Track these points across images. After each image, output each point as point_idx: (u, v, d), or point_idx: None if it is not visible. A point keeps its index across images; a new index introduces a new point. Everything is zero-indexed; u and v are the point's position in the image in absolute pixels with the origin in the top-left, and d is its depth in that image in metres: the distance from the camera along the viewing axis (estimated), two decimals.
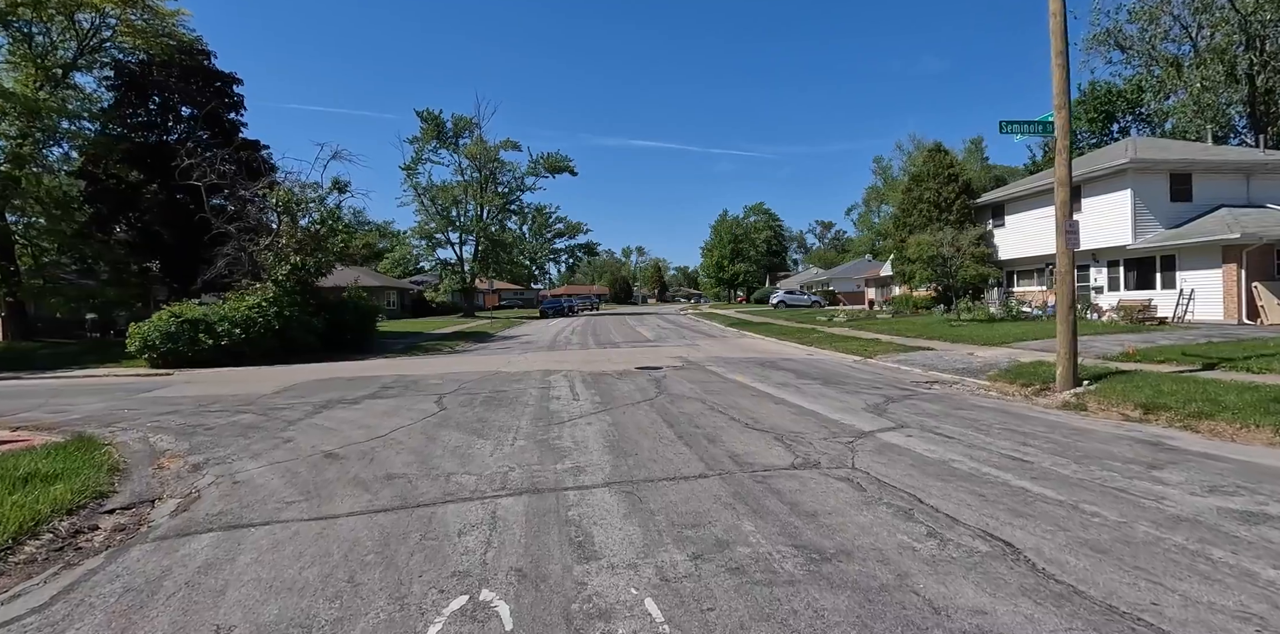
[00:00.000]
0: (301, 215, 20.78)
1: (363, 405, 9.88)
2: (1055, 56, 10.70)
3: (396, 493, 5.21)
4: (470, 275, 51.17)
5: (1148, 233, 22.27)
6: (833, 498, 4.75)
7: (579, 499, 4.86)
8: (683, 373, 13.06)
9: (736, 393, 10.19)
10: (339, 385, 12.47)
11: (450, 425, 7.99)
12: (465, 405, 9.52)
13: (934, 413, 8.37)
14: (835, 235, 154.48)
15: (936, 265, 23.97)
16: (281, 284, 19.77)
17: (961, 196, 29.18)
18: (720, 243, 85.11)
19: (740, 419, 7.91)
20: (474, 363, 16.76)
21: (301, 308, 20.04)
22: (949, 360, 14.30)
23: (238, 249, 19.77)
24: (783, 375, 12.50)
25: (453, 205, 49.10)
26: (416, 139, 48.61)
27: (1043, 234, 26.34)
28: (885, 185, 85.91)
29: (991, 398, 10.32)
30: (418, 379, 13.04)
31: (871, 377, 12.53)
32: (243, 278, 19.94)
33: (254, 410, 9.75)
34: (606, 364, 15.10)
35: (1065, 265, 10.76)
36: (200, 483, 5.93)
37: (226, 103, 28.23)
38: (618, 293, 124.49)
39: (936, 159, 30.56)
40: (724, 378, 12.22)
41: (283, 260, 19.88)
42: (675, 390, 10.56)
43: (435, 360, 18.06)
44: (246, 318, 18.59)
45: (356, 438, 7.47)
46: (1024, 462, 5.75)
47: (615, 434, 7.19)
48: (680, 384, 11.32)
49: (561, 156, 50.35)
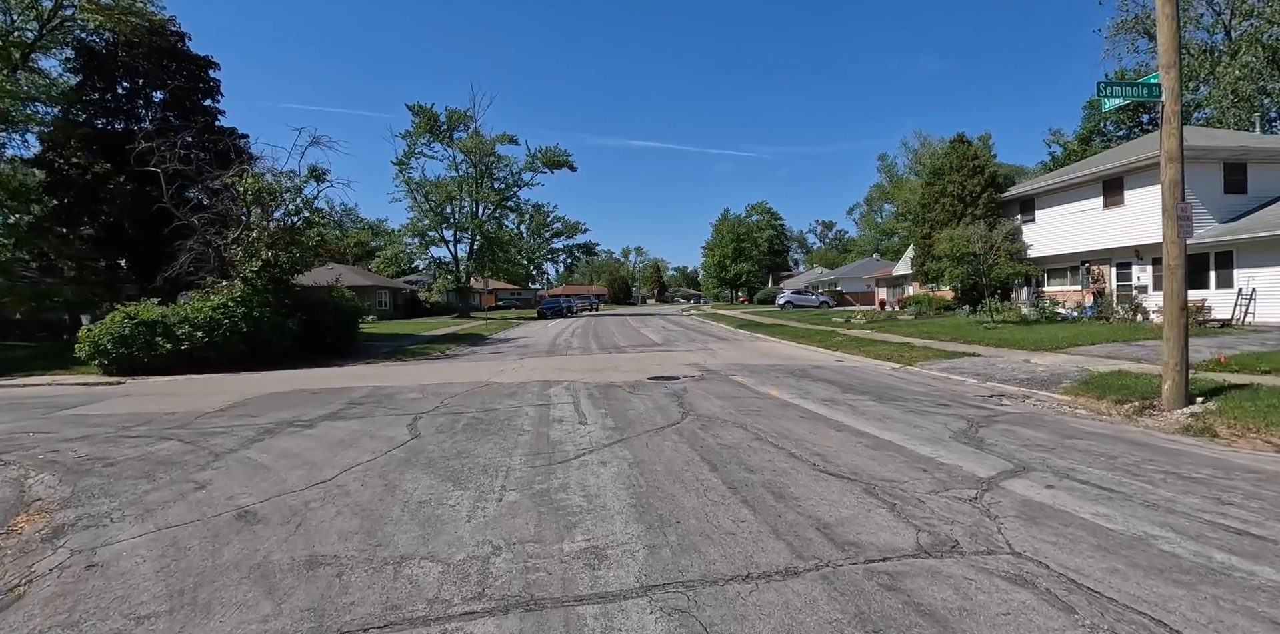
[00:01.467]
0: (276, 207, 18.83)
1: (318, 430, 7.95)
2: (1162, 5, 8.86)
3: (312, 603, 3.30)
4: (465, 274, 49.18)
5: (1200, 227, 20.41)
6: (1025, 626, 2.86)
7: (604, 628, 2.96)
8: (705, 385, 11.16)
9: (780, 414, 8.30)
10: (299, 400, 10.55)
11: (419, 464, 6.08)
12: (444, 431, 7.60)
13: (1044, 444, 6.49)
14: (836, 235, 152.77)
15: (967, 263, 22.13)
16: (251, 282, 17.83)
17: (988, 190, 27.29)
18: (722, 242, 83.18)
19: (803, 456, 6.01)
20: (463, 371, 14.85)
21: (274, 308, 18.09)
22: (1003, 368, 12.44)
23: (203, 243, 17.82)
24: (823, 388, 10.61)
25: (447, 201, 47.09)
26: (408, 133, 46.60)
27: (1078, 230, 24.51)
28: (891, 183, 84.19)
29: (1083, 417, 8.47)
30: (394, 392, 11.11)
31: (924, 389, 10.66)
32: (209, 275, 18.00)
33: (182, 436, 7.82)
34: (614, 373, 13.20)
35: (1175, 257, 8.95)
36: (45, 563, 4.06)
37: (201, 88, 26.27)
38: (617, 293, 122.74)
39: (960, 150, 28.69)
40: (755, 391, 10.33)
41: (253, 256, 17.93)
42: (703, 409, 8.66)
43: (420, 368, 16.14)
44: (210, 319, 16.64)
45: (292, 483, 5.56)
46: (1255, 536, 3.87)
47: (641, 482, 5.28)
48: (706, 400, 9.42)
49: (560, 151, 48.41)
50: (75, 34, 24.28)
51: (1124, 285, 23.25)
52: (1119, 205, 22.63)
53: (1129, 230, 22.11)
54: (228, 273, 18.17)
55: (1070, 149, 39.85)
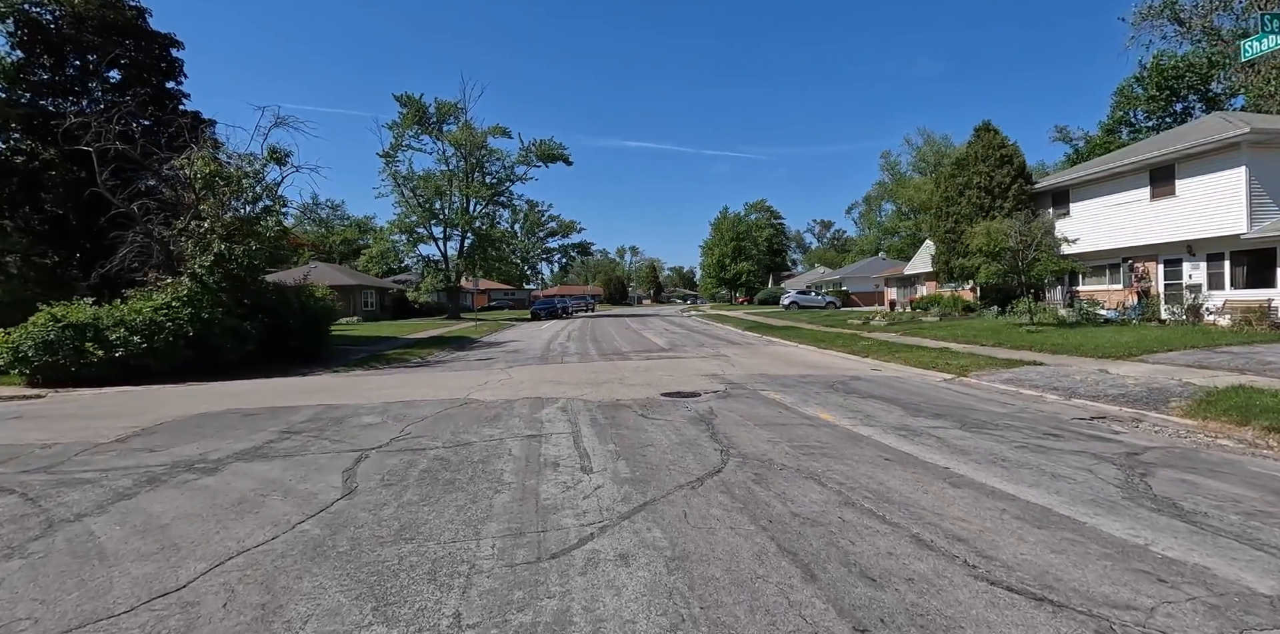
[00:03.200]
0: (233, 194, 16.59)
1: (219, 477, 5.77)
2: None
3: None
4: (455, 273, 46.86)
5: (1265, 219, 18.39)
6: None
7: None
8: (734, 404, 9.02)
9: (852, 452, 6.16)
10: (225, 425, 8.35)
11: (334, 555, 3.88)
12: (391, 483, 5.40)
13: (1267, 509, 4.37)
14: (835, 235, 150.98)
15: (1003, 259, 20.09)
16: (201, 279, 15.61)
17: (1018, 181, 25.25)
18: (721, 241, 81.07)
19: (938, 544, 3.84)
20: (441, 383, 12.66)
21: (229, 309, 15.88)
22: (1081, 381, 10.35)
23: (144, 234, 15.57)
24: (882, 408, 8.49)
25: (436, 197, 44.74)
26: (395, 124, 44.27)
27: (1120, 223, 22.47)
28: (894, 181, 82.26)
29: (1248, 453, 6.37)
30: (348, 414, 8.92)
31: (1004, 409, 8.56)
32: (152, 271, 15.76)
33: (32, 486, 5.63)
34: (619, 387, 11.03)
35: None
36: None
37: (162, 68, 23.99)
38: (612, 293, 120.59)
39: (986, 139, 26.61)
40: (802, 414, 8.19)
41: (204, 249, 15.72)
42: (746, 445, 6.50)
43: (391, 378, 13.96)
44: (150, 322, 14.41)
45: (116, 597, 3.38)
46: None
47: (692, 607, 3.10)
48: (745, 429, 7.28)
49: (555, 144, 46.15)
50: (18, 4, 21.92)
51: (1173, 284, 21.20)
52: (1169, 196, 20.59)
53: (1181, 224, 20.08)
54: (175, 269, 15.93)
55: (1095, 141, 37.83)
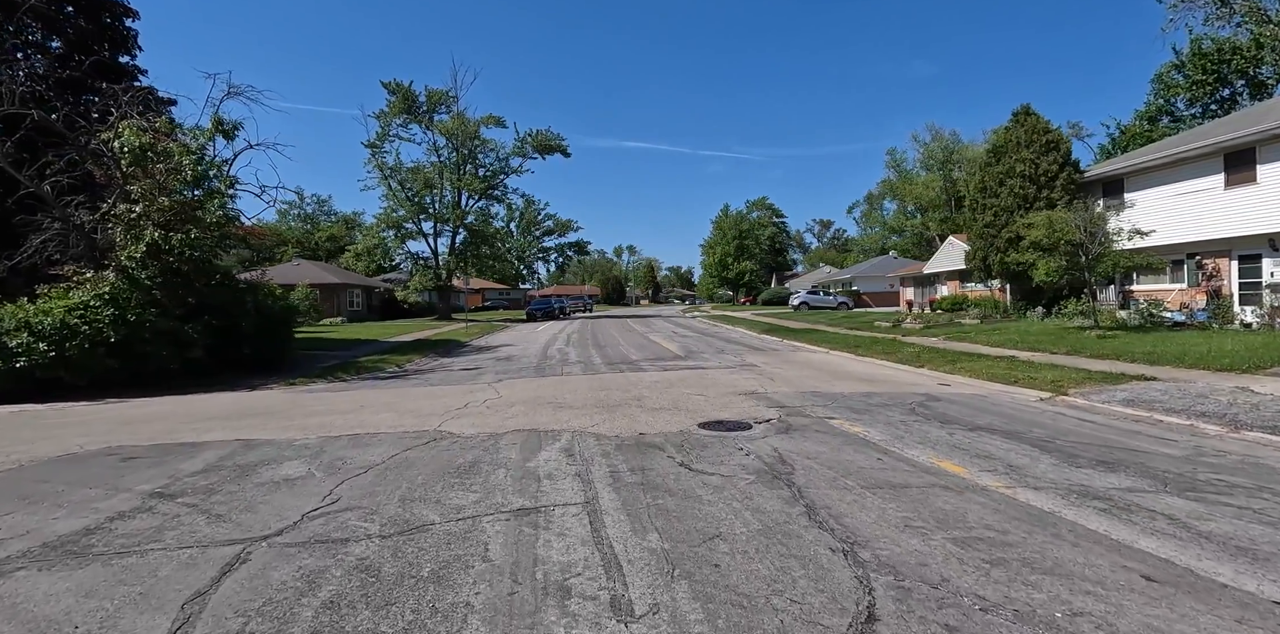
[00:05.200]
0: (173, 174, 13.98)
1: None
2: None
3: None
4: (446, 272, 44.22)
5: None
6: None
7: None
8: (805, 444, 6.47)
9: (1070, 560, 3.62)
10: (84, 477, 5.79)
11: None
12: None
13: None
14: (835, 234, 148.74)
15: (1062, 254, 17.67)
16: (129, 273, 13.04)
17: (1066, 169, 22.82)
18: (724, 239, 78.51)
19: None
20: (410, 404, 10.10)
21: (164, 309, 13.32)
22: (1230, 403, 7.88)
23: (60, 219, 13.00)
24: (1011, 450, 5.97)
25: (425, 190, 42.10)
26: (383, 113, 41.62)
27: (1186, 215, 20.01)
28: (900, 178, 79.87)
29: None
30: (262, 461, 6.31)
31: (1175, 450, 6.05)
32: (70, 263, 13.18)
33: None
34: (640, 413, 8.47)
35: None
36: None
37: (111, 38, 21.38)
38: (610, 293, 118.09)
39: (1029, 123, 24.15)
40: (914, 463, 5.66)
41: (136, 238, 13.15)
42: (881, 543, 3.95)
43: (350, 397, 11.38)
44: (62, 325, 11.84)
45: None
46: None
47: None
48: (854, 499, 4.74)
49: (552, 135, 43.55)
50: None
51: (1249, 282, 18.80)
52: (1248, 183, 18.18)
53: (1262, 214, 17.68)
54: (101, 261, 13.36)
55: (1133, 131, 35.40)
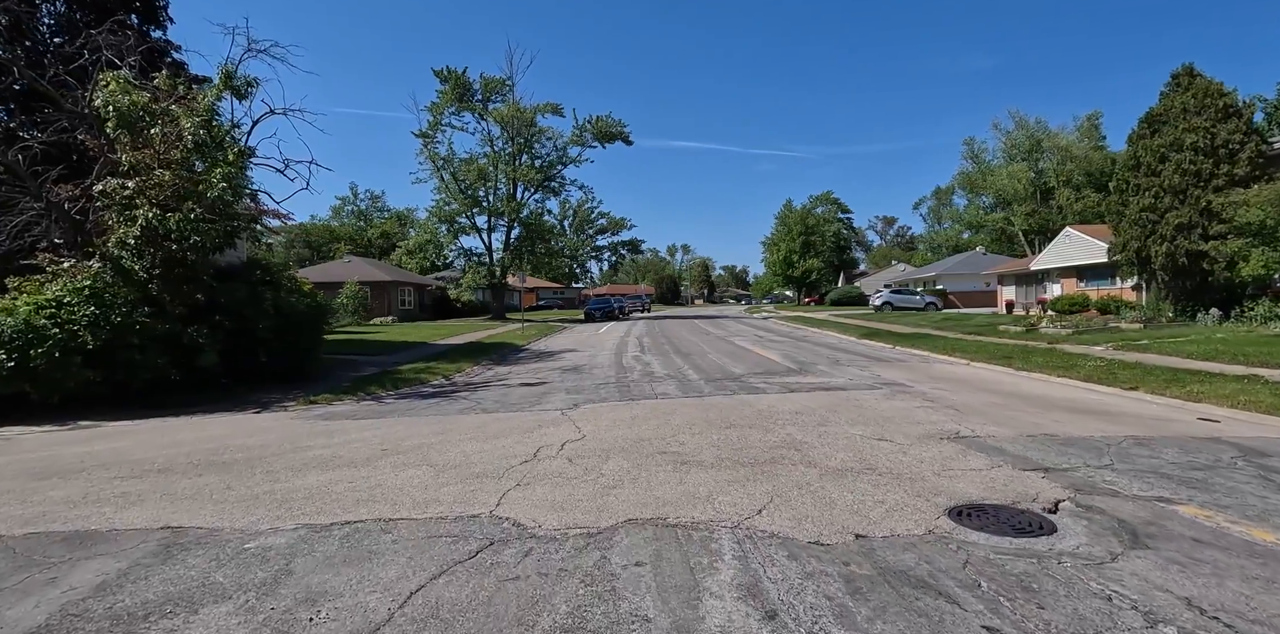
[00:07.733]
0: (168, 144, 11.42)
1: None
2: None
3: None
4: (500, 269, 41.84)
5: None
6: None
7: None
8: (1204, 575, 3.12)
9: None
10: None
11: None
12: None
13: None
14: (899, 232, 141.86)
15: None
16: (119, 262, 10.54)
17: (1252, 139, 18.48)
18: (789, 235, 74.24)
19: None
20: (453, 449, 7.06)
21: (161, 308, 10.78)
22: None
23: (33, 197, 10.58)
24: None
25: (479, 181, 39.73)
26: (434, 104, 39.36)
27: None
28: (979, 170, 74.09)
29: None
30: (164, 600, 3.29)
31: None
32: (46, 252, 10.75)
33: None
34: (816, 478, 5.13)
35: None
36: None
37: (137, 7, 19.37)
38: (664, 293, 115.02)
39: (1195, 87, 19.83)
40: None
41: (127, 218, 10.64)
42: None
43: (372, 434, 8.48)
44: (26, 327, 9.37)
45: None
46: None
47: None
48: None
49: (614, 121, 40.57)
50: None
51: None
52: None
53: None
54: (87, 247, 10.91)
55: None
